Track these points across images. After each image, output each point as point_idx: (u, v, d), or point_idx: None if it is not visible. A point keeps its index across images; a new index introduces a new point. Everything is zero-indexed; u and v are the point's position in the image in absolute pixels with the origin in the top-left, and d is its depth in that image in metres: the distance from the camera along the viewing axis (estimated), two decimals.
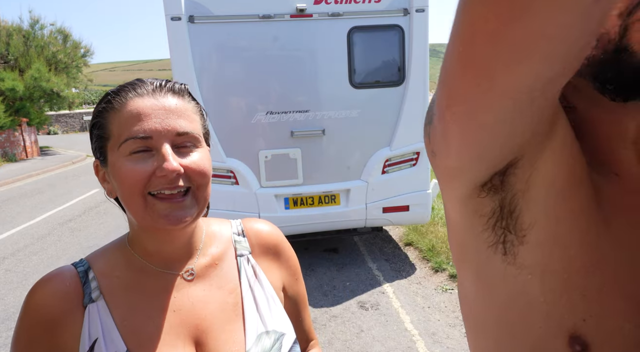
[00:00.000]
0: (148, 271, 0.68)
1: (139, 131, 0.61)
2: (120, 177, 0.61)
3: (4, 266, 5.15)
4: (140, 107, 0.62)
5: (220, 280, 0.71)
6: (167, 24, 3.60)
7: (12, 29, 18.08)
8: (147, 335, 0.63)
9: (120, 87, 0.66)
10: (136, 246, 0.69)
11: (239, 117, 3.88)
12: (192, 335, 0.66)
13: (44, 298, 0.63)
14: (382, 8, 3.83)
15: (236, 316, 0.69)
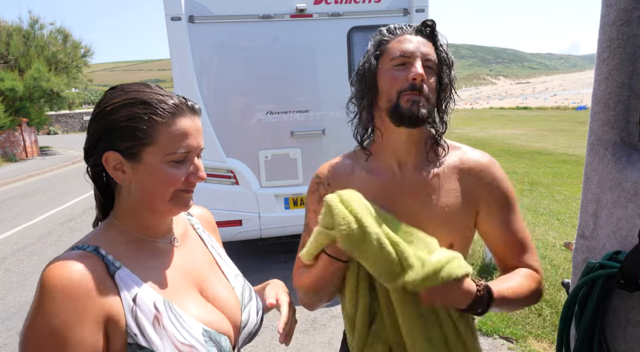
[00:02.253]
0: (145, 241, 0.85)
1: (185, 147, 0.80)
2: (160, 176, 0.79)
3: (4, 266, 5.15)
4: (185, 126, 0.81)
5: (193, 245, 0.96)
6: (167, 24, 3.60)
7: (12, 29, 18.08)
8: (169, 286, 0.82)
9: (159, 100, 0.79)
10: (131, 224, 0.84)
11: (239, 117, 3.88)
12: (194, 283, 0.88)
13: (77, 273, 0.70)
14: (382, 8, 3.83)
15: (214, 267, 0.97)
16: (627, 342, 0.79)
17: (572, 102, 58.30)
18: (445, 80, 1.01)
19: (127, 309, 0.74)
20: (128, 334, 0.73)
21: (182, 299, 0.82)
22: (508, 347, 2.96)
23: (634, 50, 0.78)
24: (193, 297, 0.85)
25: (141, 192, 0.81)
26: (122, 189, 0.83)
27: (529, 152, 12.77)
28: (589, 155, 0.89)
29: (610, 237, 0.83)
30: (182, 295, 0.83)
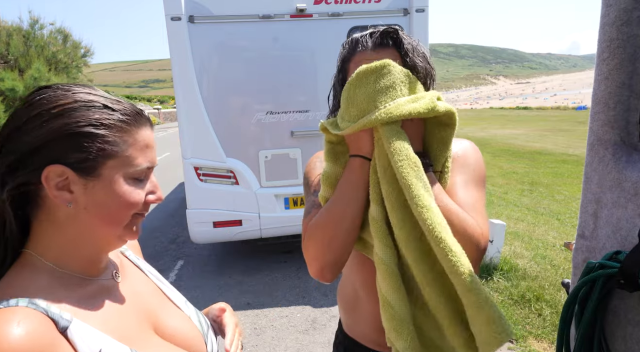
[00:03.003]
0: (87, 281, 0.70)
1: (149, 161, 0.70)
2: (121, 196, 0.66)
3: None
4: (148, 138, 0.70)
5: (133, 276, 0.82)
6: (167, 24, 3.60)
7: (12, 29, 18.09)
8: (130, 332, 0.69)
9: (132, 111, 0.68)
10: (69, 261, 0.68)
11: (239, 117, 3.88)
12: (147, 321, 0.75)
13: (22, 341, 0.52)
14: (382, 8, 3.83)
15: (161, 298, 0.83)
16: (627, 342, 0.79)
17: (572, 102, 58.31)
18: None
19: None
20: None
21: (147, 345, 0.69)
22: (508, 347, 2.96)
23: (634, 50, 0.78)
24: (155, 341, 0.73)
25: (93, 216, 0.65)
26: (55, 216, 0.65)
27: (529, 152, 12.77)
28: (589, 155, 0.89)
29: (610, 237, 0.83)
30: (145, 340, 0.70)
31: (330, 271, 0.96)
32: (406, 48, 0.95)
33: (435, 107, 0.88)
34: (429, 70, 0.98)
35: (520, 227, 5.52)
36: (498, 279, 3.86)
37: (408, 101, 0.88)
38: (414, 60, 0.94)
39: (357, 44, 0.99)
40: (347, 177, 0.95)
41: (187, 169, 3.87)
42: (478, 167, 1.03)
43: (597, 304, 0.79)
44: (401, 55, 0.95)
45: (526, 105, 57.49)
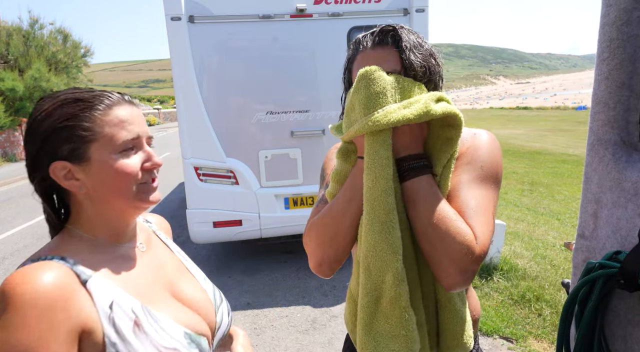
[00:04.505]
0: (112, 247, 0.82)
1: (132, 133, 0.78)
2: (115, 170, 0.76)
3: (4, 266, 5.15)
4: (125, 114, 0.78)
5: (159, 250, 0.94)
6: (167, 24, 3.60)
7: (12, 29, 18.08)
8: (145, 290, 0.79)
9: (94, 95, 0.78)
10: (97, 231, 0.81)
11: (239, 117, 3.88)
12: (167, 287, 0.86)
13: (47, 283, 0.64)
14: (382, 8, 3.83)
15: (184, 271, 0.95)
16: (627, 342, 0.79)
17: (572, 102, 58.27)
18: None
19: (105, 317, 0.70)
20: (106, 344, 0.69)
21: (159, 303, 0.79)
22: (508, 347, 2.96)
23: (634, 50, 0.78)
24: (169, 301, 0.83)
25: (103, 193, 0.77)
26: (81, 197, 0.79)
27: (529, 152, 12.77)
28: (589, 155, 0.89)
29: (610, 237, 0.83)
30: (158, 299, 0.80)
31: (329, 266, 0.99)
32: (404, 46, 0.93)
33: (430, 112, 0.85)
34: (432, 67, 0.96)
35: (520, 227, 5.52)
36: (498, 279, 3.86)
37: (399, 107, 0.86)
38: (410, 58, 0.92)
39: (359, 43, 0.99)
40: (352, 177, 0.96)
41: (187, 169, 3.87)
42: (489, 163, 0.96)
43: (597, 304, 0.79)
44: (399, 54, 0.93)
45: (526, 105, 57.46)
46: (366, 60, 0.95)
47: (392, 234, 0.85)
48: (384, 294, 0.86)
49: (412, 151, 0.90)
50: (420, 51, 0.94)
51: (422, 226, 0.88)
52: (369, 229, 0.87)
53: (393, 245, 0.85)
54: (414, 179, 0.89)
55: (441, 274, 0.86)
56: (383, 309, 0.87)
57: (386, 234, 0.85)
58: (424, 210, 0.87)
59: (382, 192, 0.85)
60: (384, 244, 0.85)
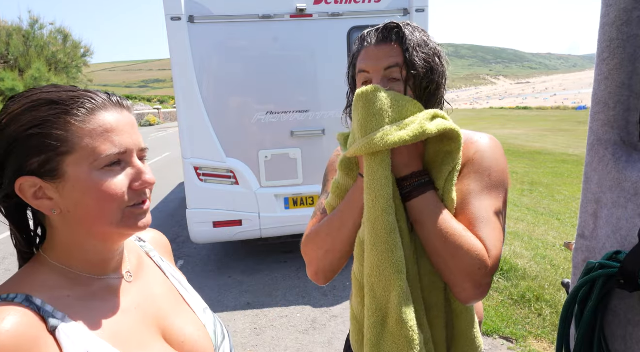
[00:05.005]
0: (92, 280, 0.68)
1: (115, 145, 0.63)
2: (96, 192, 0.62)
3: (4, 266, 5.15)
4: (110, 121, 0.64)
5: (151, 277, 0.79)
6: (167, 24, 3.60)
7: (12, 29, 18.09)
8: (126, 336, 0.66)
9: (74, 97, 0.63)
10: (73, 261, 0.67)
11: (239, 117, 3.88)
12: (156, 326, 0.72)
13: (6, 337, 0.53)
14: (382, 8, 3.83)
15: (178, 301, 0.80)
16: (627, 342, 0.79)
17: (572, 102, 58.28)
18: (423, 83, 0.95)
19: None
20: None
21: (146, 350, 0.67)
22: (508, 347, 2.96)
23: (634, 50, 0.78)
24: (157, 346, 0.69)
25: (79, 216, 0.63)
26: (54, 220, 0.65)
27: (529, 152, 12.77)
28: (589, 155, 0.89)
29: (610, 237, 0.83)
30: (144, 344, 0.67)
31: (324, 276, 1.03)
32: (408, 44, 0.93)
33: (425, 131, 0.86)
34: (436, 67, 0.95)
35: (520, 227, 5.52)
36: (498, 279, 3.86)
37: (395, 129, 0.86)
38: (412, 56, 0.92)
39: (363, 39, 1.00)
40: (351, 193, 0.97)
41: (187, 169, 3.87)
42: (496, 171, 0.95)
43: (597, 304, 0.79)
44: (402, 51, 0.93)
45: (526, 105, 57.48)
46: (370, 56, 0.96)
47: (395, 253, 0.85)
48: (389, 314, 0.86)
49: (412, 169, 0.91)
50: (424, 50, 0.94)
51: (433, 244, 0.88)
52: (371, 249, 0.87)
53: (396, 264, 0.85)
54: (418, 198, 0.89)
55: (457, 290, 0.88)
56: (390, 329, 0.87)
57: (389, 254, 0.85)
58: (432, 228, 0.87)
59: (383, 212, 0.86)
60: (387, 263, 0.85)
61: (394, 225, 0.86)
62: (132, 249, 0.81)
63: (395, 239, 0.86)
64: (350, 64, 1.04)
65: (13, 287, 0.61)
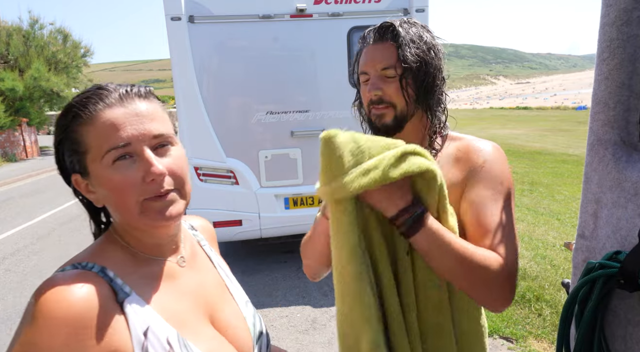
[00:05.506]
0: (152, 261, 0.74)
1: (118, 140, 0.65)
2: (111, 187, 0.66)
3: (4, 266, 5.16)
4: (113, 117, 0.66)
5: (201, 265, 0.83)
6: (167, 24, 3.60)
7: (12, 29, 18.08)
8: (182, 318, 0.71)
9: (85, 98, 0.67)
10: (131, 241, 0.72)
11: (239, 117, 3.88)
12: (205, 311, 0.76)
13: (80, 301, 0.59)
14: (382, 8, 3.83)
15: (224, 292, 0.84)
16: (627, 342, 0.79)
17: (572, 102, 58.26)
18: (419, 78, 0.97)
19: (137, 345, 0.63)
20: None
21: (197, 333, 0.71)
22: (508, 347, 2.96)
23: (634, 50, 0.78)
24: (206, 331, 0.74)
25: (111, 209, 0.70)
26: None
27: (529, 152, 12.77)
28: (589, 155, 0.89)
29: (610, 237, 0.83)
30: (196, 328, 0.72)
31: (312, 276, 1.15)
32: (401, 41, 0.96)
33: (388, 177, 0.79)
34: (430, 60, 0.98)
35: (520, 227, 5.52)
36: None
37: (357, 176, 0.79)
38: (405, 52, 0.95)
39: (363, 39, 1.04)
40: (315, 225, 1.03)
41: None
42: (504, 179, 0.97)
43: (597, 304, 0.79)
44: (396, 48, 0.97)
45: (526, 105, 57.48)
46: (368, 56, 1.01)
47: (363, 302, 0.80)
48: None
49: (399, 205, 0.83)
50: (417, 45, 0.97)
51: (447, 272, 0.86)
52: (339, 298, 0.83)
53: (364, 314, 0.80)
54: (417, 235, 0.84)
55: (485, 305, 0.90)
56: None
57: (358, 304, 0.80)
58: (441, 258, 0.85)
59: (347, 263, 0.81)
60: (356, 313, 0.81)
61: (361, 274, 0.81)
62: (187, 237, 0.85)
63: (363, 287, 0.80)
64: (354, 62, 1.09)
65: (90, 257, 0.68)
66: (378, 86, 0.99)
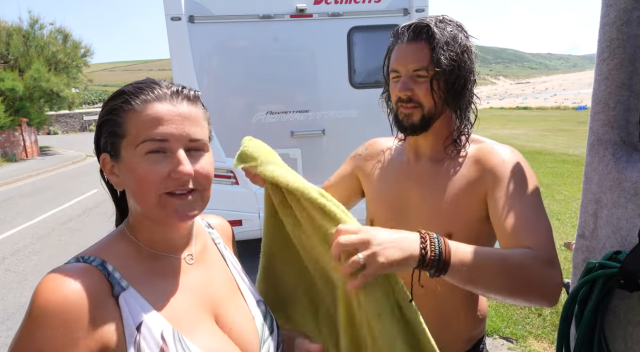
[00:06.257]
0: (158, 257, 0.75)
1: (157, 134, 0.68)
2: (137, 175, 0.68)
3: (4, 266, 5.15)
4: (159, 112, 0.69)
5: (212, 263, 0.83)
6: (167, 24, 3.60)
7: (12, 29, 18.08)
8: (180, 313, 0.71)
9: (138, 88, 0.71)
10: (141, 235, 0.74)
11: (239, 117, 3.88)
12: (209, 309, 0.76)
13: (74, 294, 0.60)
14: (382, 8, 3.83)
15: (234, 291, 0.83)
16: (627, 342, 0.79)
17: (572, 102, 58.29)
18: (450, 80, 0.98)
19: (130, 338, 0.63)
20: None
21: (195, 330, 0.71)
22: (508, 347, 2.96)
23: (634, 50, 0.78)
24: (207, 327, 0.74)
25: (131, 195, 0.71)
26: (127, 196, 0.74)
27: (529, 152, 12.77)
28: (589, 155, 0.89)
29: (610, 237, 0.83)
30: (195, 324, 0.72)
31: None
32: (436, 43, 0.97)
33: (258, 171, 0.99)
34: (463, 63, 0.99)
35: None
36: None
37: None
38: (439, 55, 0.96)
39: (397, 36, 1.04)
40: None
41: None
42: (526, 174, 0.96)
43: (597, 304, 0.79)
44: (430, 50, 0.97)
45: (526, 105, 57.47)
46: (401, 55, 1.02)
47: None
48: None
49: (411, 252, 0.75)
50: (451, 47, 0.97)
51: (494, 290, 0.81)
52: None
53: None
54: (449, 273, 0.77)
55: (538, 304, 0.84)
56: None
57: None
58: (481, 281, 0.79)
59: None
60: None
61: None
62: (201, 234, 0.85)
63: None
64: (385, 57, 1.10)
65: (95, 251, 0.70)
66: (409, 87, 1.00)
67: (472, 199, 1.00)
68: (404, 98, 1.02)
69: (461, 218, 1.01)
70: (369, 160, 1.22)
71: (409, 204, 1.08)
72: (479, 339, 1.17)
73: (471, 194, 1.00)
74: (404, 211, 1.09)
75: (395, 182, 1.13)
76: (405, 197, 1.09)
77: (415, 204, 1.07)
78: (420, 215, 1.06)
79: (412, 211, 1.07)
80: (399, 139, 1.20)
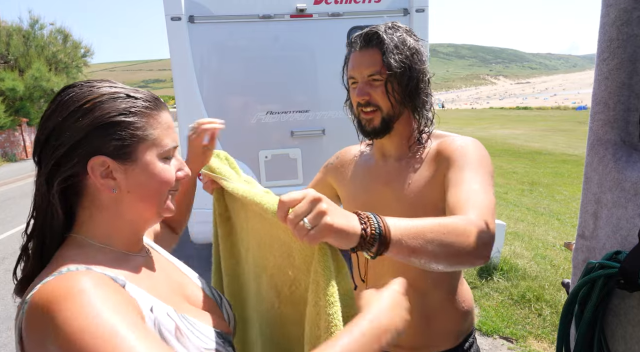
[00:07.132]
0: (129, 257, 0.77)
1: (173, 141, 0.76)
2: (158, 175, 0.73)
3: (4, 266, 5.15)
4: (169, 120, 0.77)
5: (155, 254, 0.88)
6: (167, 24, 3.60)
7: (12, 29, 18.09)
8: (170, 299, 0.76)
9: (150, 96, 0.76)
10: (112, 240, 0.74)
11: (239, 117, 3.87)
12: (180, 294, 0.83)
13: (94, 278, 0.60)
14: (382, 8, 3.83)
15: (180, 272, 0.91)
16: (627, 342, 0.80)
17: (572, 102, 58.22)
18: (403, 82, 1.04)
19: (149, 320, 0.66)
20: None
21: (184, 309, 0.77)
22: (508, 347, 2.96)
23: (634, 50, 0.78)
24: (188, 306, 0.81)
25: (138, 196, 0.72)
26: (99, 201, 0.71)
27: (529, 152, 12.77)
28: (589, 155, 0.89)
29: (610, 237, 0.83)
30: (182, 304, 0.79)
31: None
32: (385, 48, 1.03)
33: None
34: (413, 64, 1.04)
35: (520, 227, 5.52)
36: (498, 279, 3.86)
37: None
38: (389, 58, 1.02)
39: (350, 45, 1.11)
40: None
41: None
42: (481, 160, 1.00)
43: (597, 304, 0.79)
44: (381, 55, 1.03)
45: (526, 105, 57.44)
46: (355, 62, 1.09)
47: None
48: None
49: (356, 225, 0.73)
50: (401, 50, 1.03)
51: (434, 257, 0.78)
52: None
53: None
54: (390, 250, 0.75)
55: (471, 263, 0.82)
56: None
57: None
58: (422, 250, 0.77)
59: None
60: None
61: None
62: None
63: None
64: (343, 66, 1.17)
65: (68, 263, 0.65)
66: (366, 91, 1.07)
67: (435, 189, 1.05)
68: (362, 102, 1.08)
69: (431, 210, 1.05)
70: (339, 167, 1.32)
71: (379, 203, 1.13)
72: (468, 333, 1.19)
73: (434, 185, 1.05)
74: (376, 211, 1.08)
75: (365, 183, 1.19)
76: (376, 197, 1.15)
77: (385, 203, 1.12)
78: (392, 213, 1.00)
79: (384, 209, 1.08)
80: (366, 144, 1.29)
